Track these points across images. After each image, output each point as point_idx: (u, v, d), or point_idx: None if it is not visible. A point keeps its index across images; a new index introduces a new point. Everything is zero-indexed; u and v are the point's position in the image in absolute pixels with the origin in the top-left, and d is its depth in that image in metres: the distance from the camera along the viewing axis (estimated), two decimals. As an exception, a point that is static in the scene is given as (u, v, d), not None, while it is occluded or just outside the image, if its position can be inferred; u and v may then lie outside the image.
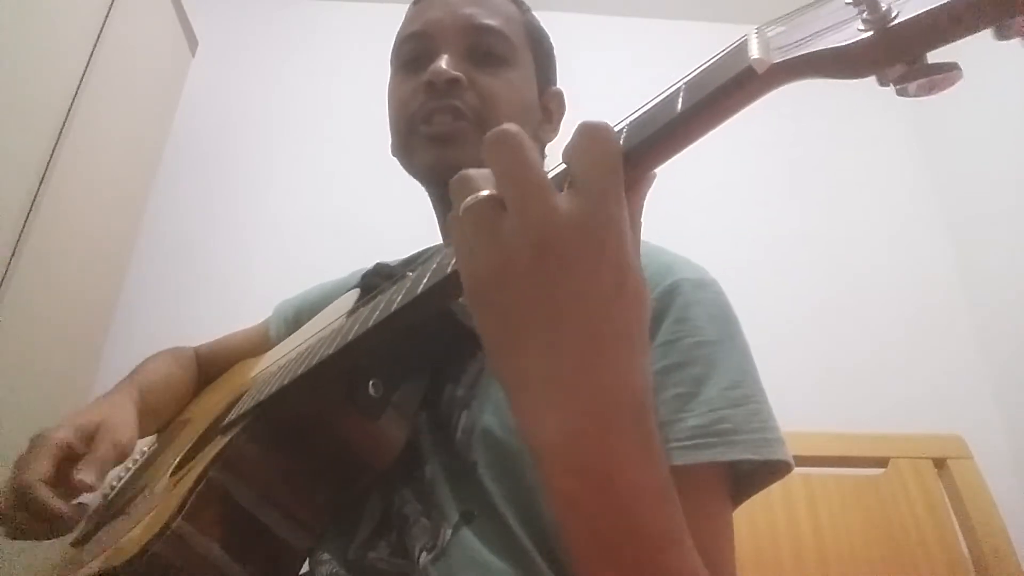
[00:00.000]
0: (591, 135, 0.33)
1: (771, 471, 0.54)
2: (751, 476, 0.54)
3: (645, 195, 0.37)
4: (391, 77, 0.77)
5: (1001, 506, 1.20)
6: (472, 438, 0.56)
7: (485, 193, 0.33)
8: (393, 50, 0.78)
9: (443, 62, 0.68)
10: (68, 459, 0.62)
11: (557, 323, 0.32)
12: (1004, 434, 1.58)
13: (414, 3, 0.78)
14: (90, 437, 0.65)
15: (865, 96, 2.02)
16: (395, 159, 0.76)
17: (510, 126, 0.34)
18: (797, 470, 1.43)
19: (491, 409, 0.57)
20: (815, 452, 1.30)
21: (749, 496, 0.57)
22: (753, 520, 1.22)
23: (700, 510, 0.47)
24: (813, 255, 1.83)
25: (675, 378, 0.53)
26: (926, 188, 1.95)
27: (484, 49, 0.71)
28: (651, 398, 0.35)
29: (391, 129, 0.76)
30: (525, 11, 0.79)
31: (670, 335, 0.55)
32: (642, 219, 0.37)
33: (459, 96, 0.68)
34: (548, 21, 0.83)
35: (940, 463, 1.28)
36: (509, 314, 0.33)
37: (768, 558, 1.21)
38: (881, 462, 1.30)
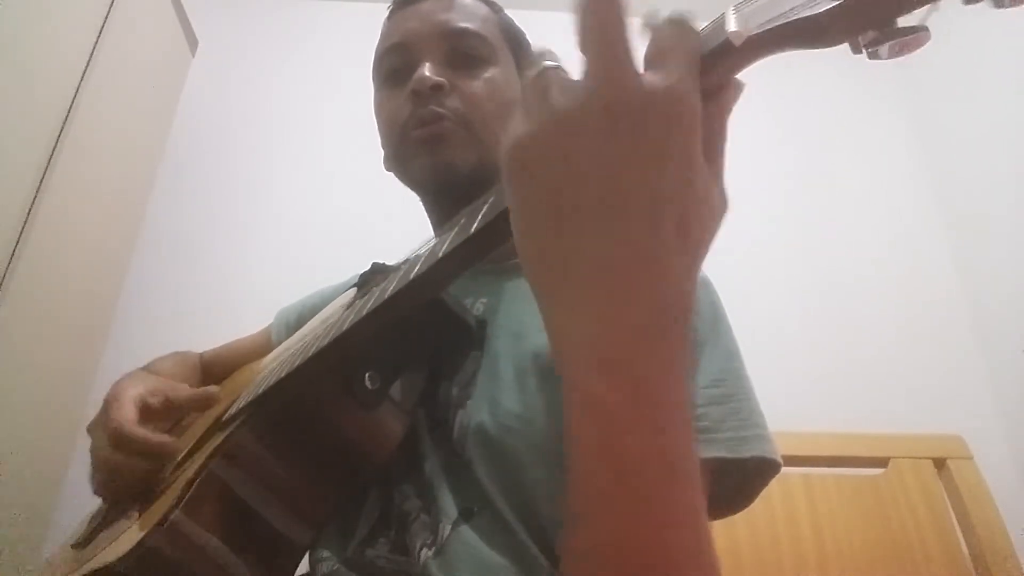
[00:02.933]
0: (675, 23, 0.32)
1: (756, 470, 0.54)
2: (740, 475, 0.54)
3: (730, 108, 0.35)
4: (375, 93, 0.78)
5: (1001, 506, 1.20)
6: (468, 436, 0.56)
7: (554, 64, 0.33)
8: (374, 66, 0.78)
9: (425, 69, 0.68)
10: (145, 411, 0.66)
11: (619, 197, 0.30)
12: (1004, 434, 1.58)
13: (388, 18, 0.78)
14: (157, 392, 0.68)
15: (864, 95, 2.02)
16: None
17: None
18: (797, 470, 1.44)
19: (486, 408, 0.57)
20: (815, 452, 1.30)
21: (748, 495, 0.57)
22: (753, 520, 1.22)
23: None
24: (812, 255, 1.83)
25: None
26: (926, 188, 1.95)
27: (463, 52, 0.72)
28: (692, 308, 0.33)
29: (383, 144, 0.76)
30: (498, 11, 0.80)
31: None
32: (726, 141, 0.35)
33: (443, 101, 0.68)
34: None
35: (940, 463, 1.28)
36: (563, 185, 0.31)
37: (768, 558, 1.21)
38: (881, 462, 1.30)
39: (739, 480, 0.54)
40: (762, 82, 0.55)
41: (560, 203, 0.31)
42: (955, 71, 1.83)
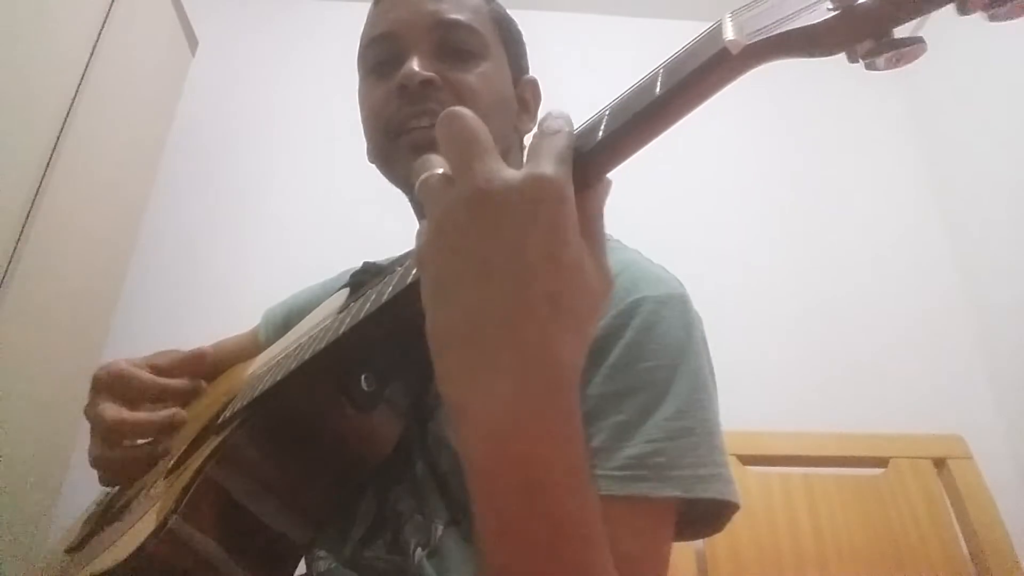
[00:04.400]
0: (544, 124, 0.36)
1: (714, 508, 0.52)
2: (696, 512, 0.52)
3: (603, 200, 0.37)
4: (360, 82, 0.75)
5: (1001, 506, 1.20)
6: (441, 448, 0.57)
7: (440, 170, 0.35)
8: (359, 54, 0.76)
9: (414, 63, 0.66)
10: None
11: (484, 280, 0.32)
12: (1004, 434, 1.58)
13: (375, 4, 0.76)
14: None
15: (865, 97, 2.02)
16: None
17: (462, 108, 0.36)
18: (797, 470, 1.44)
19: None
20: (815, 452, 1.31)
21: (703, 532, 0.55)
22: (753, 520, 1.22)
23: (630, 540, 0.46)
24: (813, 255, 1.83)
25: (620, 405, 0.50)
26: (926, 188, 1.94)
27: (454, 45, 0.69)
28: (577, 379, 0.34)
29: (367, 136, 0.74)
30: (490, 1, 0.77)
31: (620, 358, 0.52)
32: (603, 226, 0.38)
33: (433, 97, 0.66)
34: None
35: (940, 463, 1.28)
36: (441, 272, 0.34)
37: (768, 558, 1.21)
38: (881, 462, 1.30)
39: (693, 518, 0.52)
40: (764, 83, 0.55)
41: (442, 288, 0.34)
42: (957, 74, 1.83)
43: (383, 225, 1.43)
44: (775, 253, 1.83)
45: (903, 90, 2.06)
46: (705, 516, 0.52)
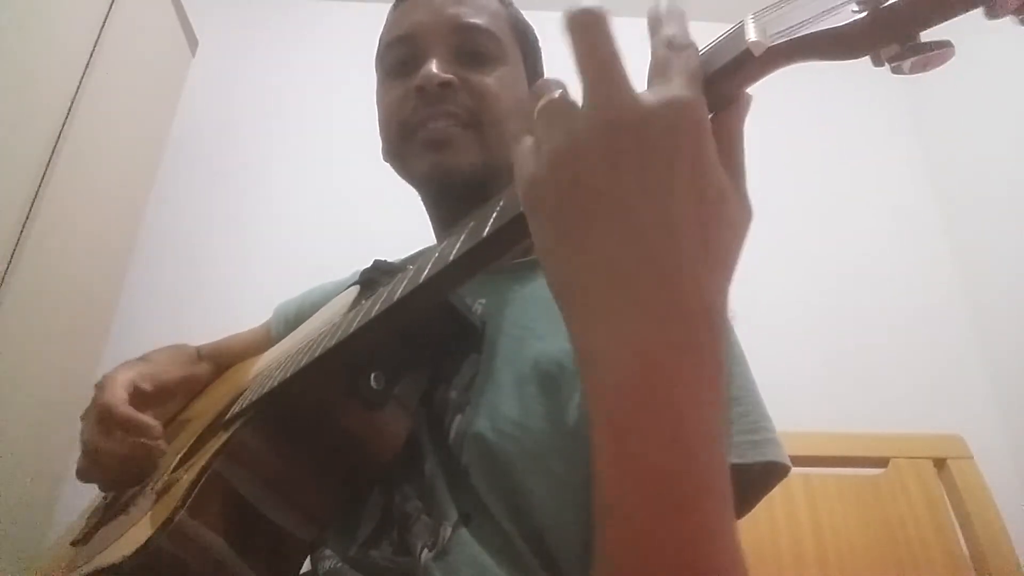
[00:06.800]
0: (672, 40, 0.32)
1: (766, 473, 0.52)
2: (748, 480, 0.52)
3: (743, 118, 0.36)
4: (379, 84, 0.76)
5: (1001, 506, 1.20)
6: (464, 442, 0.56)
7: (559, 92, 0.33)
8: (378, 56, 0.76)
9: (433, 65, 0.66)
10: (135, 395, 0.69)
11: (629, 213, 0.30)
12: (1004, 434, 1.58)
13: (395, 6, 0.76)
14: (147, 376, 0.72)
15: (863, 92, 2.02)
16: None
17: (592, 5, 0.32)
18: (797, 470, 1.43)
19: (485, 413, 0.56)
20: (815, 452, 1.30)
21: (755, 500, 0.55)
22: (753, 520, 1.21)
23: None
24: (812, 254, 1.84)
25: None
26: (926, 187, 1.95)
27: (472, 48, 0.70)
28: (723, 323, 0.31)
29: (382, 135, 0.75)
30: (508, 5, 0.78)
31: None
32: (743, 149, 0.36)
33: (452, 99, 0.67)
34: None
35: (940, 463, 1.28)
36: (574, 203, 0.31)
37: (768, 558, 1.21)
38: (881, 462, 1.30)
39: (746, 485, 0.52)
40: (762, 81, 0.55)
41: (576, 222, 0.31)
42: (958, 74, 1.84)
43: (383, 224, 1.43)
44: (774, 253, 1.83)
45: (904, 90, 2.06)
46: (752, 485, 0.53)
